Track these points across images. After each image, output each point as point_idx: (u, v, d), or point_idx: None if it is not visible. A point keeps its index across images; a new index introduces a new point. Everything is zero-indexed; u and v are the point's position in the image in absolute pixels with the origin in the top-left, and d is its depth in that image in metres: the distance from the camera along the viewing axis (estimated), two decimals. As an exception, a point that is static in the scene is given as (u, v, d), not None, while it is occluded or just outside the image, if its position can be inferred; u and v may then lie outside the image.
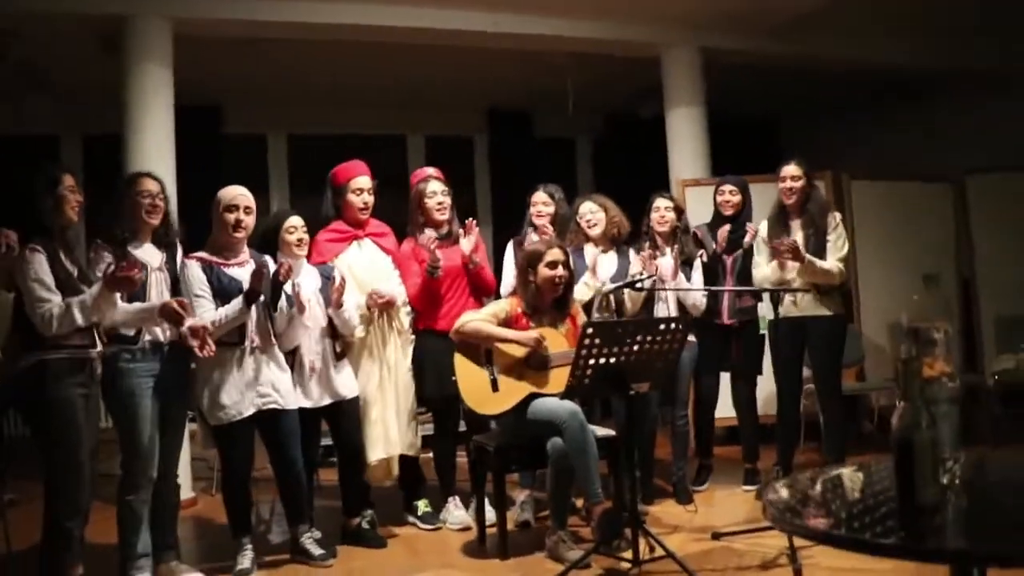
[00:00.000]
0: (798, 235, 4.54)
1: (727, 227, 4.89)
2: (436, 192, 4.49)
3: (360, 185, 4.40)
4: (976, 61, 7.44)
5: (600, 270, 4.53)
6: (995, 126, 7.57)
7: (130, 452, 3.53)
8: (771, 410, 5.10)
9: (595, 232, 4.66)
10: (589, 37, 6.48)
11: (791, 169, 4.64)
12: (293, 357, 4.00)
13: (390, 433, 4.30)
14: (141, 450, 3.52)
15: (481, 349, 3.92)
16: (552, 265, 3.95)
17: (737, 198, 4.90)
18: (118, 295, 3.35)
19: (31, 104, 7.01)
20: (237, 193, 3.85)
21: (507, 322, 3.94)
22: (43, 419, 3.32)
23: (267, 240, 4.10)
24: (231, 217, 3.79)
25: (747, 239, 4.77)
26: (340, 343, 4.17)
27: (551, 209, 4.73)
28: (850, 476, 2.01)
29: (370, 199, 4.43)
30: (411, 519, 4.53)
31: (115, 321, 3.46)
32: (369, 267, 4.38)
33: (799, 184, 4.61)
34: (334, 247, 4.35)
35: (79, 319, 3.23)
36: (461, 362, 3.92)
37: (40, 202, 3.37)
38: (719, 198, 4.95)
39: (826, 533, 1.54)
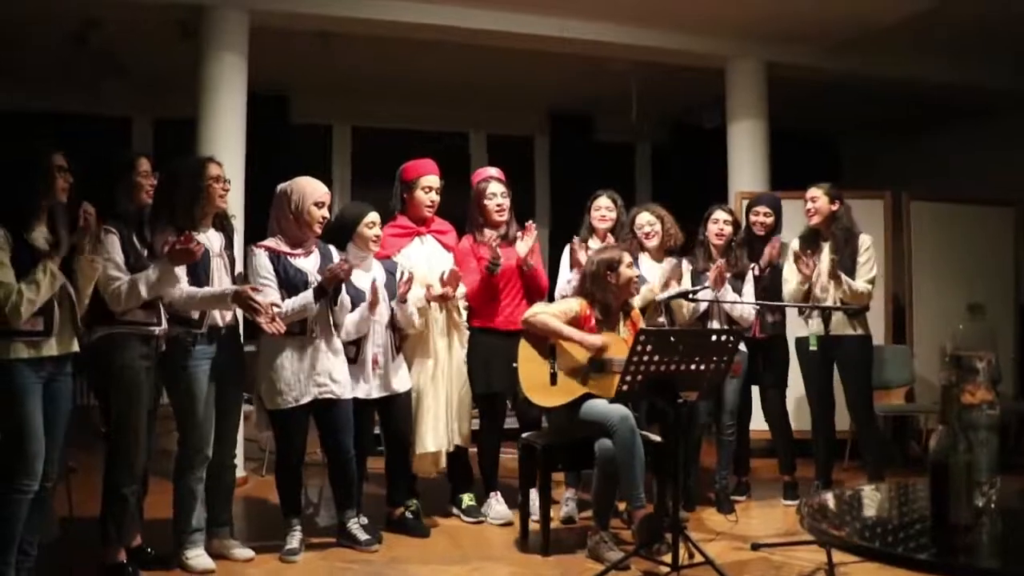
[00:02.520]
0: (826, 255, 4.58)
1: (775, 243, 4.91)
2: (496, 194, 4.57)
3: (429, 183, 4.50)
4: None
5: (653, 277, 4.59)
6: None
7: (187, 431, 3.67)
8: (799, 425, 5.13)
9: (652, 243, 4.72)
10: (655, 46, 6.53)
11: (812, 191, 4.72)
12: (357, 348, 4.11)
13: (440, 426, 4.39)
14: (197, 430, 3.65)
15: (547, 342, 4.00)
16: (631, 266, 4.05)
17: (770, 219, 4.94)
18: (178, 270, 3.47)
19: (107, 87, 7.23)
20: (325, 189, 3.93)
21: (575, 322, 4.01)
22: (108, 388, 3.49)
23: (341, 231, 4.18)
24: (319, 213, 3.87)
25: (766, 254, 4.78)
26: (398, 337, 4.27)
27: (614, 215, 4.80)
28: (887, 493, 2.06)
29: (437, 198, 4.53)
30: (455, 511, 4.62)
31: (186, 305, 3.58)
32: (430, 263, 4.47)
33: (817, 205, 4.67)
34: (397, 242, 4.46)
35: (144, 293, 3.38)
36: (525, 349, 4.00)
37: (116, 186, 3.53)
38: (753, 218, 4.98)
39: (859, 544, 1.61)
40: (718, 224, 4.83)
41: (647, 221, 4.74)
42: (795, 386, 5.04)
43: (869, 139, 9.26)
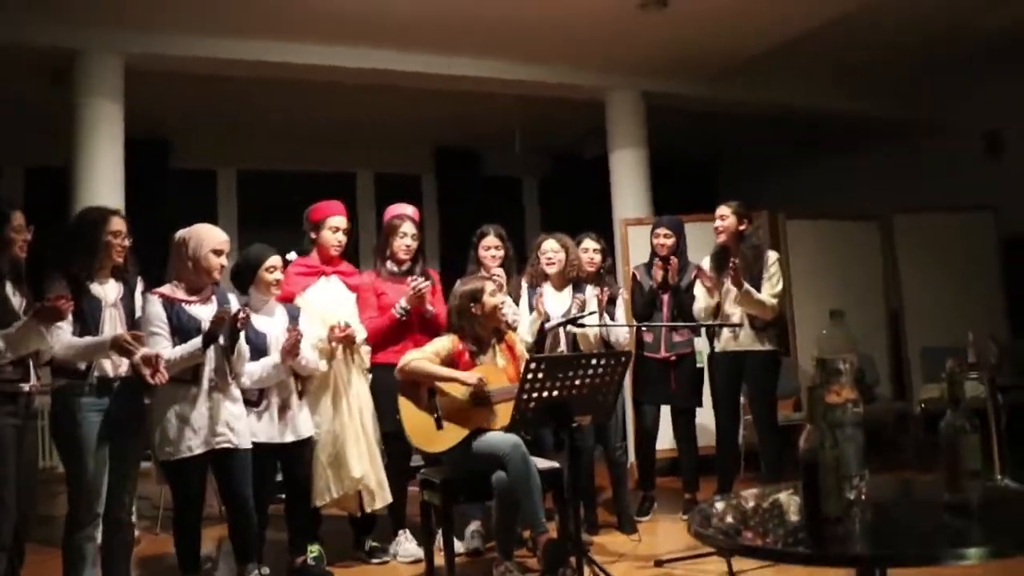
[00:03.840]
0: (730, 266, 4.74)
1: (674, 262, 5.05)
2: (407, 234, 4.59)
3: (336, 224, 4.51)
4: (904, 108, 7.85)
5: (551, 308, 4.68)
6: (921, 169, 7.97)
7: (75, 488, 3.50)
8: (711, 441, 5.27)
9: (552, 270, 4.80)
10: (536, 80, 6.71)
11: (721, 209, 4.89)
12: (260, 392, 4.05)
13: (362, 458, 4.33)
14: (86, 486, 3.49)
15: (424, 388, 3.98)
16: (493, 294, 4.09)
17: (671, 240, 5.08)
18: (45, 328, 3.33)
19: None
20: (224, 237, 3.85)
21: (449, 359, 4.02)
22: None
23: (242, 276, 4.13)
24: (217, 261, 3.78)
25: (690, 277, 4.93)
26: (300, 383, 4.23)
27: (501, 252, 4.86)
28: (769, 497, 2.15)
29: (344, 238, 4.53)
30: (359, 554, 4.56)
31: (65, 355, 3.46)
32: (334, 303, 4.45)
33: (726, 223, 4.84)
34: (302, 280, 4.43)
35: (2, 350, 3.24)
36: (405, 405, 3.99)
37: None
38: (655, 240, 5.12)
39: (743, 545, 1.69)
40: (588, 253, 4.93)
41: (551, 248, 4.81)
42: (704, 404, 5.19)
43: (745, 163, 9.69)
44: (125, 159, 5.56)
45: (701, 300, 4.86)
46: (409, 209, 4.75)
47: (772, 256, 4.86)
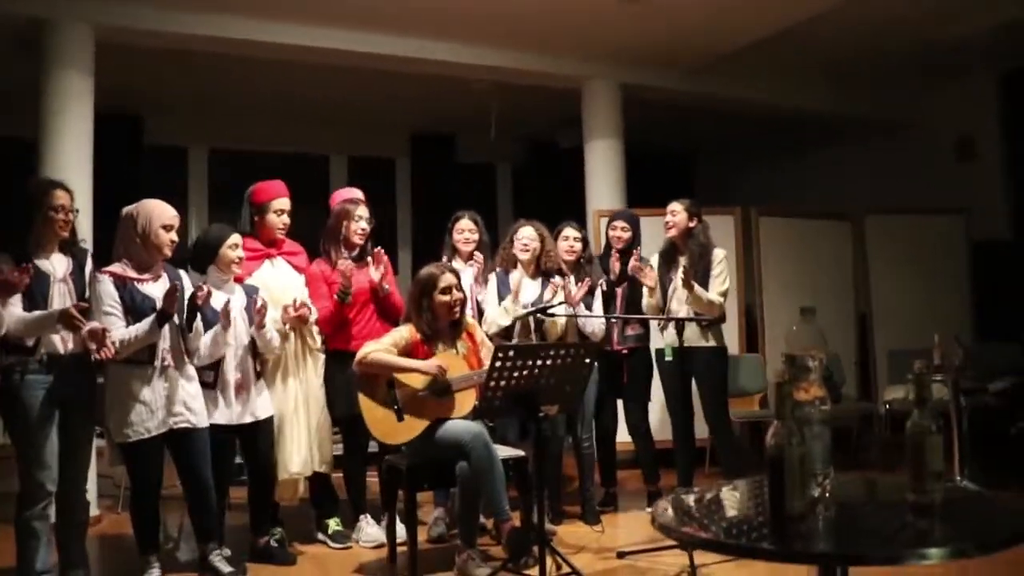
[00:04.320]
0: (681, 268, 4.75)
1: (636, 255, 5.04)
2: (362, 217, 4.55)
3: (281, 206, 4.44)
4: (877, 108, 7.90)
5: (522, 295, 4.65)
6: (893, 169, 8.04)
7: (25, 465, 3.47)
8: (661, 436, 5.28)
9: (525, 257, 4.76)
10: (512, 67, 6.67)
11: (672, 205, 4.91)
12: (215, 373, 4.00)
13: (302, 451, 4.33)
14: (36, 463, 3.45)
15: (382, 380, 3.94)
16: (446, 291, 4.01)
17: (628, 234, 5.08)
18: (3, 302, 3.29)
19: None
20: (173, 212, 3.79)
21: (407, 349, 3.98)
22: None
23: (202, 255, 4.09)
24: (167, 236, 3.73)
25: (631, 264, 4.92)
26: (259, 362, 4.18)
27: (476, 236, 4.84)
28: (734, 492, 2.15)
29: (288, 220, 4.48)
30: (321, 537, 4.54)
31: (15, 330, 3.39)
32: (282, 285, 4.40)
33: (676, 219, 4.85)
34: (248, 264, 4.34)
35: None
36: (364, 400, 3.95)
37: None
38: (611, 233, 5.12)
39: (706, 539, 1.68)
40: (568, 241, 4.92)
41: (528, 235, 4.78)
42: (657, 397, 5.20)
43: (720, 158, 9.72)
44: (95, 134, 5.45)
45: (647, 296, 4.87)
46: (356, 192, 4.72)
47: (719, 254, 4.87)
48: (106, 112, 5.66)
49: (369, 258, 4.51)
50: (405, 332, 4.03)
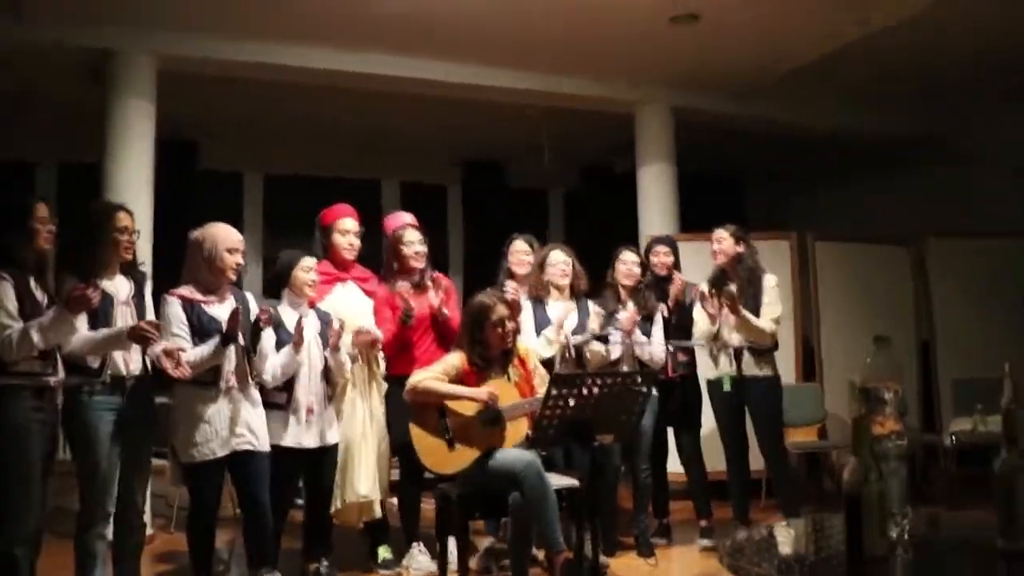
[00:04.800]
0: (723, 292, 4.65)
1: (678, 280, 4.95)
2: (414, 241, 4.54)
3: (346, 227, 4.49)
4: (937, 129, 7.72)
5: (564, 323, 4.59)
6: (954, 193, 7.83)
7: (86, 486, 3.49)
8: (713, 466, 5.13)
9: (565, 282, 4.69)
10: (565, 92, 6.66)
11: (717, 232, 4.82)
12: (288, 395, 4.01)
13: (370, 474, 4.31)
14: (97, 484, 3.48)
15: (433, 408, 3.89)
16: (498, 323, 3.95)
17: (670, 259, 5.00)
18: (75, 318, 3.32)
19: (7, 130, 6.99)
20: (238, 236, 3.85)
21: (458, 377, 3.93)
22: None
23: (275, 280, 4.17)
24: (232, 259, 3.77)
25: (672, 294, 4.83)
26: (330, 388, 4.19)
27: (531, 258, 4.80)
28: (803, 529, 2.07)
29: (356, 241, 4.51)
30: (372, 565, 4.50)
31: (82, 349, 3.43)
32: (353, 309, 4.43)
33: (722, 246, 4.77)
34: (320, 288, 4.38)
35: (37, 341, 3.21)
36: (415, 429, 3.91)
37: (11, 233, 3.38)
38: (653, 259, 5.01)
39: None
40: (626, 265, 4.84)
41: (562, 259, 4.71)
42: (709, 425, 5.07)
43: (775, 182, 9.58)
44: (155, 159, 5.59)
45: (701, 324, 4.77)
46: (408, 216, 4.73)
47: (771, 280, 4.77)
48: (165, 138, 5.77)
49: (429, 283, 4.49)
50: (456, 360, 3.98)
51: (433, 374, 3.91)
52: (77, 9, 5.28)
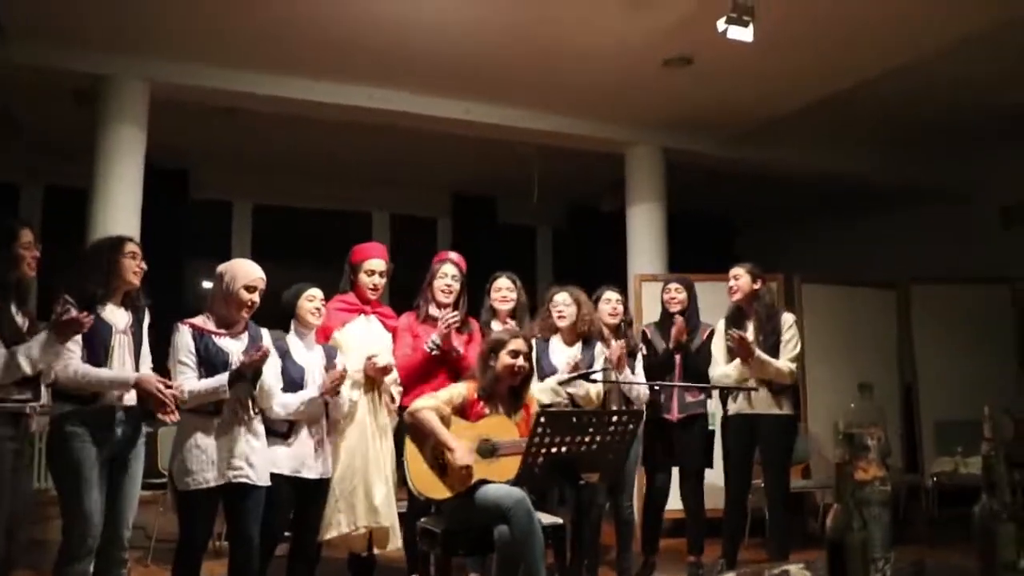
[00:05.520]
0: (750, 335, 4.64)
1: (679, 321, 4.96)
2: (447, 275, 4.58)
3: (372, 267, 4.48)
4: (920, 175, 7.84)
5: (558, 362, 4.59)
6: (938, 237, 7.94)
7: (70, 520, 3.42)
8: (716, 504, 5.14)
9: (563, 324, 4.70)
10: (557, 131, 6.73)
11: (734, 270, 4.81)
12: (290, 424, 4.01)
13: (377, 502, 4.25)
14: (81, 518, 3.40)
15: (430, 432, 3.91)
16: (514, 354, 3.96)
17: (683, 295, 5.00)
18: (62, 344, 3.30)
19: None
20: (259, 274, 3.83)
21: (463, 407, 3.95)
22: None
23: (285, 311, 4.17)
24: (249, 297, 3.75)
25: (673, 334, 4.84)
26: (330, 423, 4.18)
27: (514, 296, 4.81)
28: (795, 573, 2.07)
29: (380, 281, 4.49)
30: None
31: (82, 384, 3.39)
32: (372, 340, 4.41)
33: (740, 283, 4.74)
34: (342, 315, 4.40)
35: (24, 366, 3.18)
36: (410, 447, 3.91)
37: None
38: (666, 296, 5.04)
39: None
40: (610, 304, 4.86)
41: (563, 301, 4.71)
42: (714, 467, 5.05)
43: (762, 224, 9.67)
44: (145, 185, 5.59)
45: (720, 362, 4.76)
46: (453, 255, 4.77)
47: (789, 319, 4.75)
48: (154, 165, 5.79)
49: (468, 326, 4.55)
50: (463, 388, 3.99)
51: (435, 402, 3.91)
52: (69, 32, 5.30)
